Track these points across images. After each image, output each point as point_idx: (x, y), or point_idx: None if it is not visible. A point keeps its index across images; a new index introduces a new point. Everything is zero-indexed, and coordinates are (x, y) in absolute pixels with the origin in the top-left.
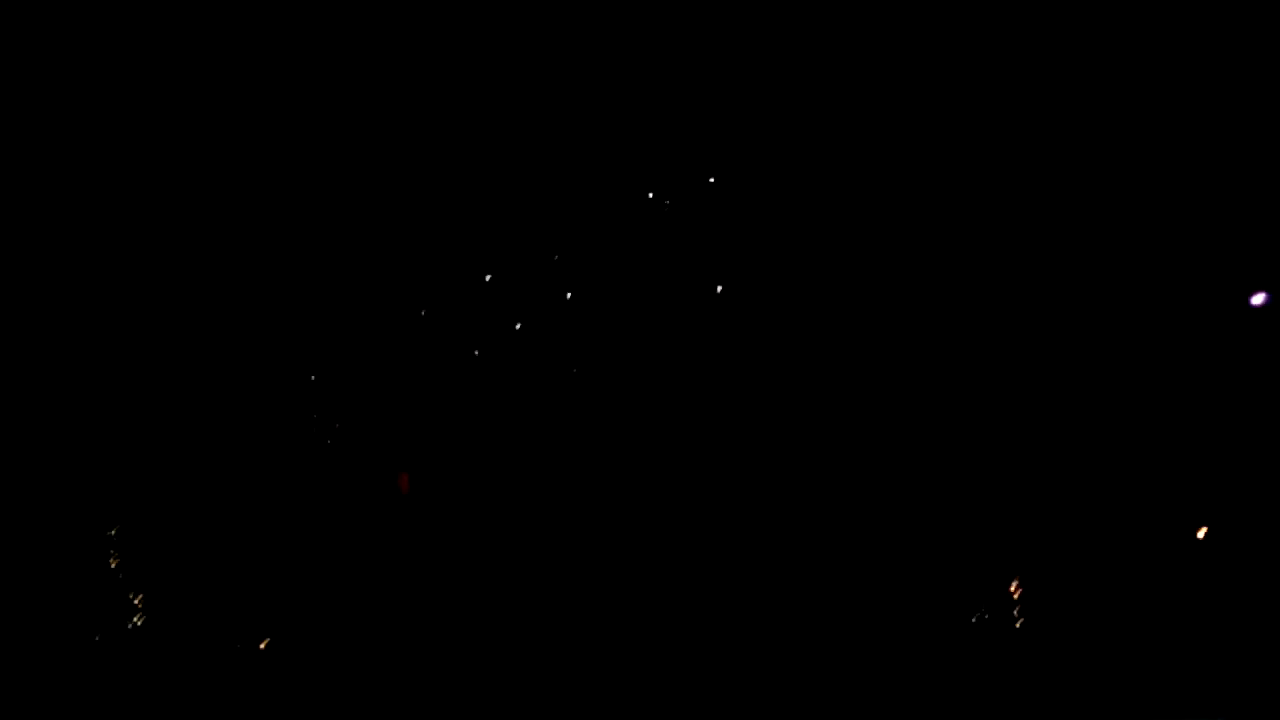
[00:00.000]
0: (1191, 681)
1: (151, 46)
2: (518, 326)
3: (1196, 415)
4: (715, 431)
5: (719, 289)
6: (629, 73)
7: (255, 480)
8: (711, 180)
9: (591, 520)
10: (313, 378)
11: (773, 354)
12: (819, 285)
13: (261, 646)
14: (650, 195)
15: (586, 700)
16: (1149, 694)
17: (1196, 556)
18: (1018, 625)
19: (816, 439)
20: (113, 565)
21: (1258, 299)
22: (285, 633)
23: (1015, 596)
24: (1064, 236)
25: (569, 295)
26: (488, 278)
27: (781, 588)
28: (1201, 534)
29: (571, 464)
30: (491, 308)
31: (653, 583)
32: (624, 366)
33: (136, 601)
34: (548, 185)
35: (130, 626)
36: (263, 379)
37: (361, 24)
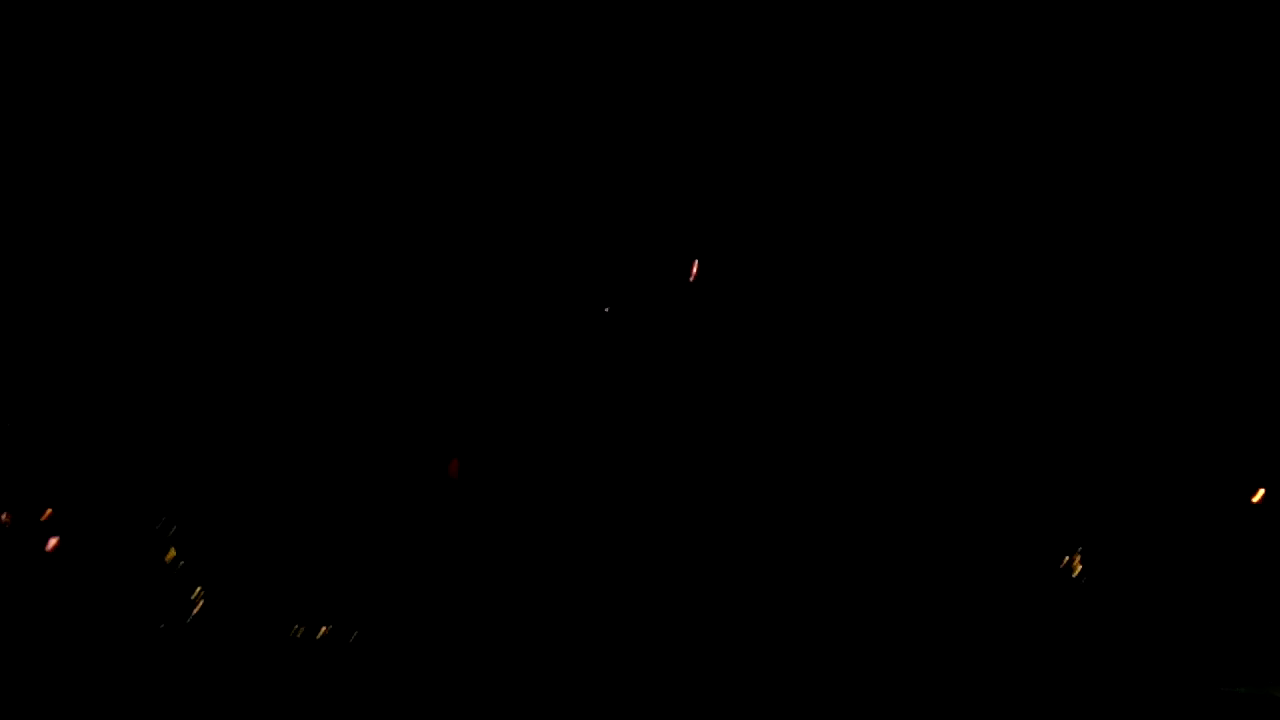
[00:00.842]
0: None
1: (152, 47)
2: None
3: (1199, 415)
4: (731, 430)
5: (718, 290)
6: (629, 73)
7: (308, 467)
8: (711, 180)
9: (617, 518)
10: (360, 368)
11: (776, 354)
12: (820, 286)
13: (318, 636)
14: (651, 199)
15: (628, 697)
16: (1148, 694)
17: (1200, 554)
18: (1018, 626)
19: (819, 439)
20: (170, 558)
21: None
22: (342, 621)
23: (1016, 596)
24: (1064, 237)
25: (605, 308)
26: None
27: (785, 588)
28: (1205, 530)
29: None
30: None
31: (685, 580)
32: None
33: (195, 595)
34: (563, 182)
35: (190, 618)
36: (315, 369)
37: (362, 25)
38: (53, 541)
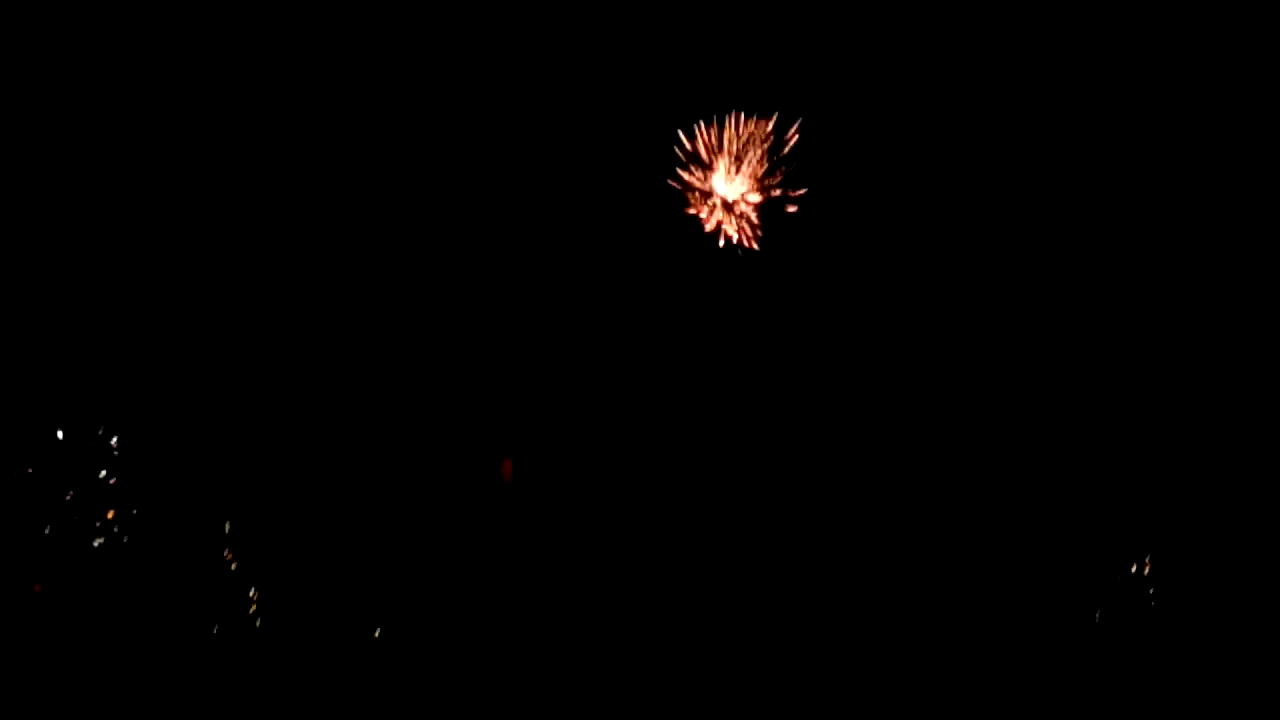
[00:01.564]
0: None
1: (152, 48)
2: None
3: (1203, 417)
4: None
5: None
6: (628, 74)
7: (363, 472)
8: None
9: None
10: (409, 379)
11: (782, 356)
12: (823, 287)
13: (375, 635)
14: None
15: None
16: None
17: (1208, 555)
18: (1019, 626)
19: (822, 441)
20: (229, 558)
21: None
22: (397, 622)
23: (1017, 597)
24: (1068, 239)
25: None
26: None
27: (790, 589)
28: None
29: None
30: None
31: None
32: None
33: (253, 594)
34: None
35: (249, 617)
36: (365, 378)
37: (362, 26)
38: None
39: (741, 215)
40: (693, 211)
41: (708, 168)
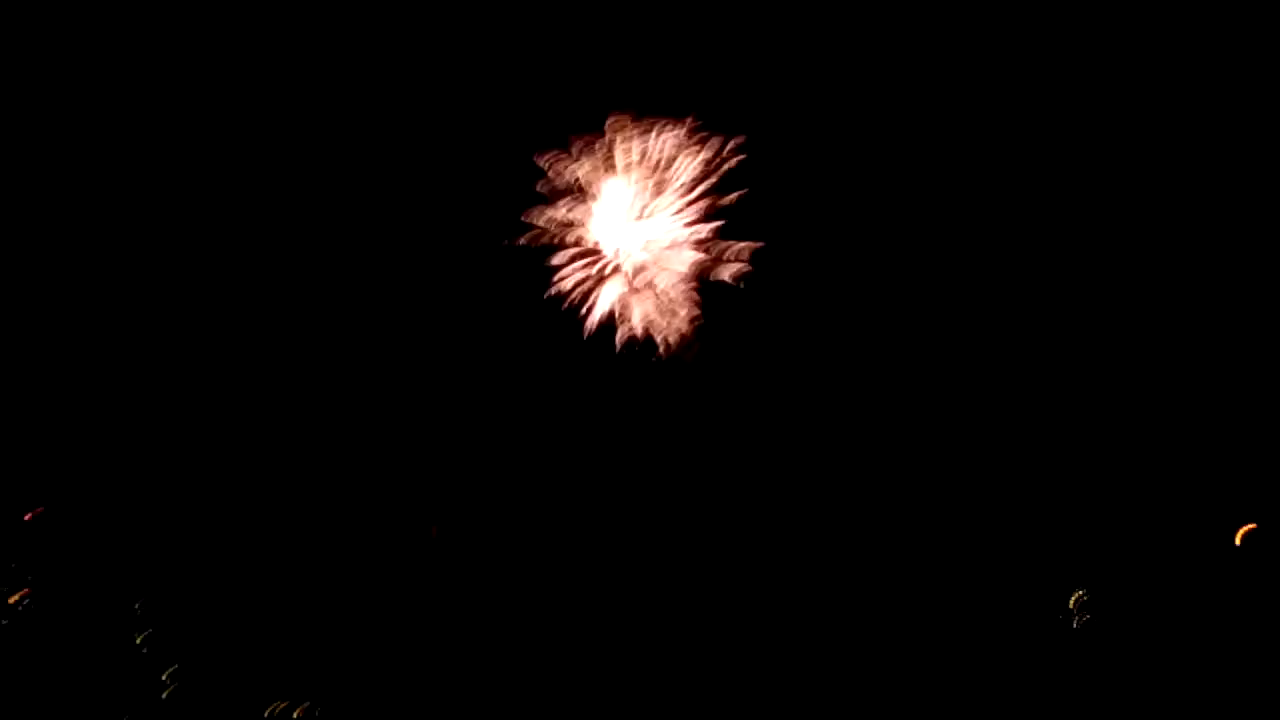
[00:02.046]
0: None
1: (152, 49)
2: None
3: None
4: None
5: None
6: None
7: (281, 535)
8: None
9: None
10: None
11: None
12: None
13: (295, 715)
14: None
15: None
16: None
17: (1216, 559)
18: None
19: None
20: (139, 641)
21: None
22: (323, 695)
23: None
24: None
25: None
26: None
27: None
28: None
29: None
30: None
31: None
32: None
33: (166, 677)
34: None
35: (163, 698)
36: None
37: (362, 28)
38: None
39: (650, 286)
40: (559, 266)
41: (582, 194)
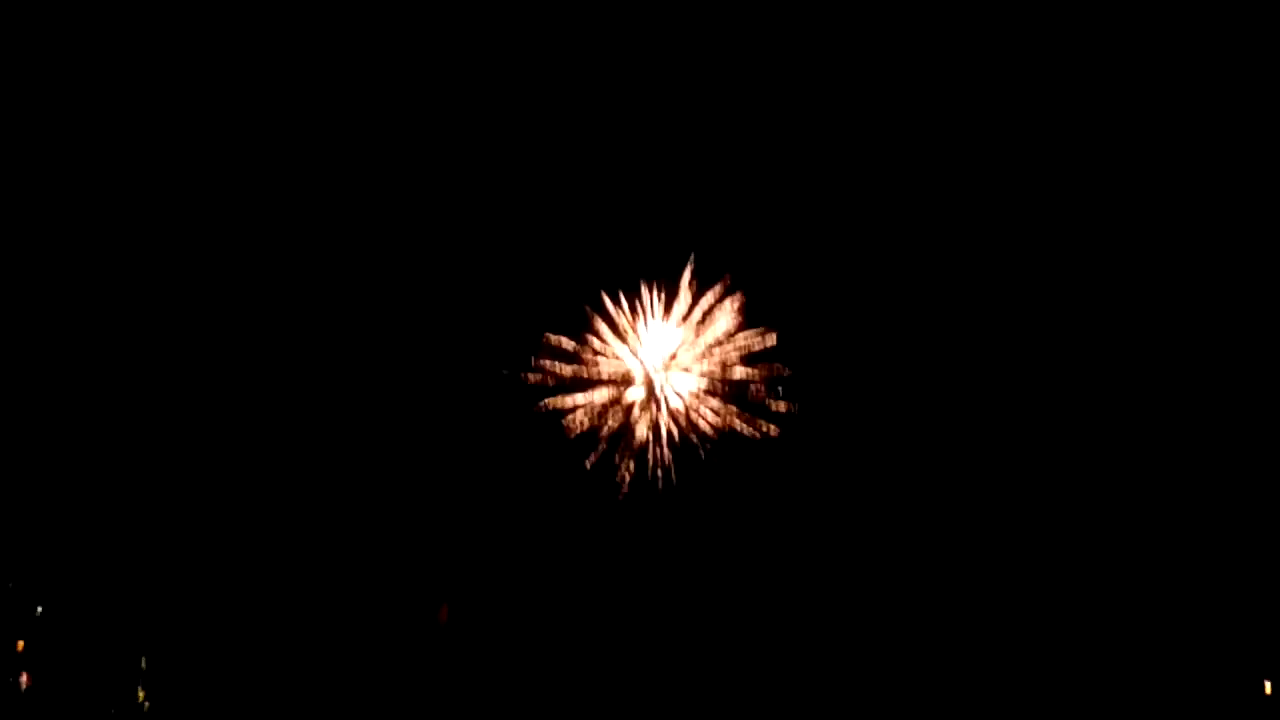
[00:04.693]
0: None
1: (153, 50)
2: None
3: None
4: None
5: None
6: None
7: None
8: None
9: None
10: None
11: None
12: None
13: None
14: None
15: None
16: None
17: (1208, 559)
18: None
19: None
20: (141, 697)
21: None
22: None
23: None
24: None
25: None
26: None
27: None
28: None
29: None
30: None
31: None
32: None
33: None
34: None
35: None
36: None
37: (363, 29)
38: (24, 678)
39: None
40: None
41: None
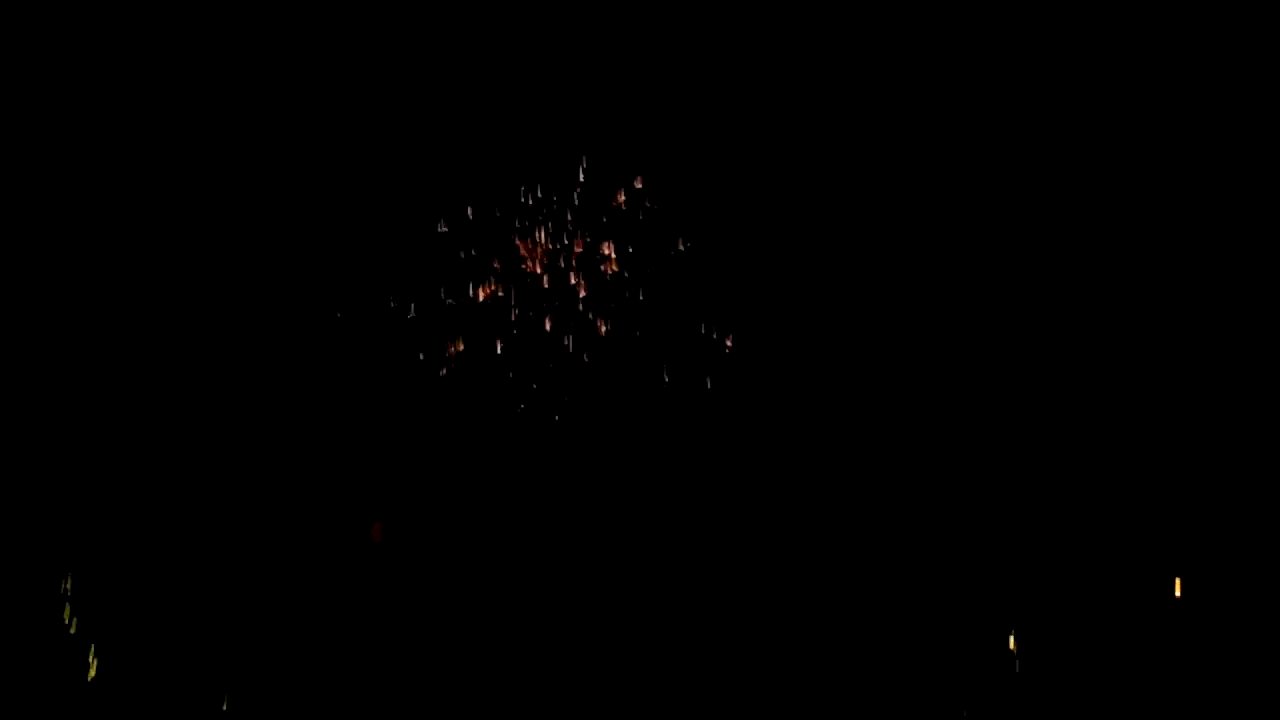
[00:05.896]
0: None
1: (151, 49)
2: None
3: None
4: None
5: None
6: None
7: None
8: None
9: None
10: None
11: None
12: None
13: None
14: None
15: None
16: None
17: (1203, 559)
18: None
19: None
20: (67, 620)
21: None
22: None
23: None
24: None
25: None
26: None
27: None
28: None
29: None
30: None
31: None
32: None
33: (91, 657)
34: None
35: (88, 679)
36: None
37: (362, 28)
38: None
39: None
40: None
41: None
